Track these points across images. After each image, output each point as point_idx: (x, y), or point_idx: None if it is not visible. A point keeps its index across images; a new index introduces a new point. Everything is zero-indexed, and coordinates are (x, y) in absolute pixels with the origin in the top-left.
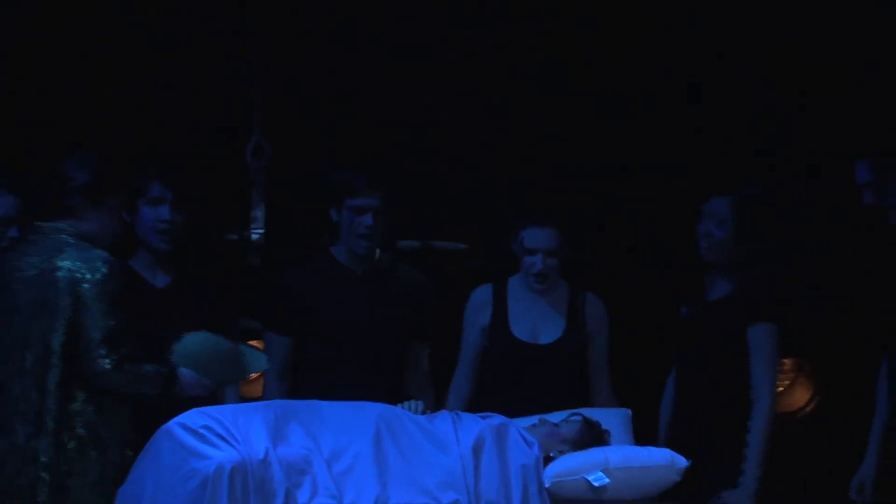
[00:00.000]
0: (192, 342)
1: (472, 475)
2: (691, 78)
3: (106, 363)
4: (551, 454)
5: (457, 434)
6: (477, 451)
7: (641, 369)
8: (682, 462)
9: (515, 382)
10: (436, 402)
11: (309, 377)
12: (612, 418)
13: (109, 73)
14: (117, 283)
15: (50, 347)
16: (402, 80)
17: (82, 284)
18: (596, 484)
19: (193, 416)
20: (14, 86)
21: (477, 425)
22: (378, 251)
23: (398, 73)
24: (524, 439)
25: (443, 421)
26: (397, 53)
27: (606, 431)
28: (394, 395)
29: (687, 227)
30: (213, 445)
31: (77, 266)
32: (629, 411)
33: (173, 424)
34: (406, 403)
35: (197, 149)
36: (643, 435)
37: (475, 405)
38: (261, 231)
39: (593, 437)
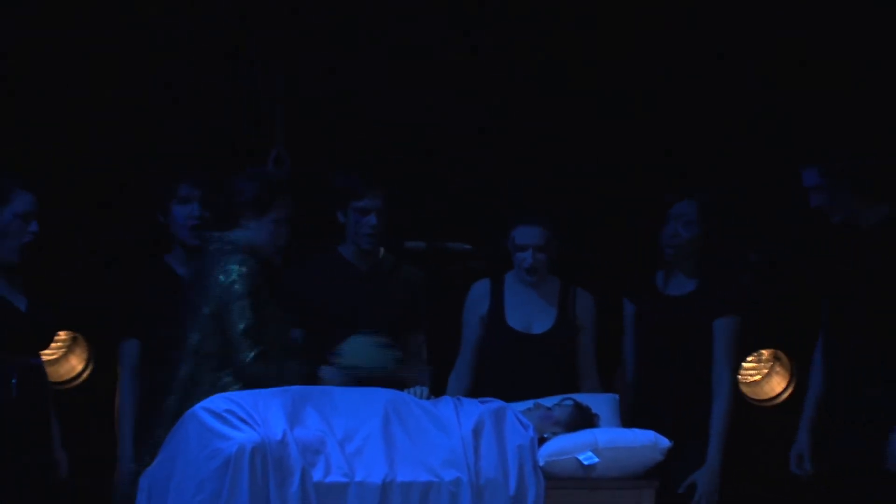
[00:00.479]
0: (365, 342)
1: (472, 455)
2: (691, 78)
3: (249, 355)
4: (545, 435)
5: (458, 417)
6: (477, 432)
7: None
8: (664, 443)
9: (511, 369)
10: (437, 389)
11: (320, 366)
12: (601, 403)
13: (110, 73)
14: (256, 284)
15: (189, 344)
16: (402, 80)
17: (224, 287)
18: (586, 463)
19: (217, 401)
20: (14, 86)
21: (477, 409)
22: (382, 250)
23: (398, 73)
24: (520, 422)
25: (445, 405)
26: (397, 53)
27: (596, 415)
28: (394, 383)
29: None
30: (235, 427)
31: (224, 271)
32: (617, 396)
33: (198, 409)
34: (412, 389)
35: (219, 154)
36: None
37: (475, 391)
38: None
39: (584, 419)
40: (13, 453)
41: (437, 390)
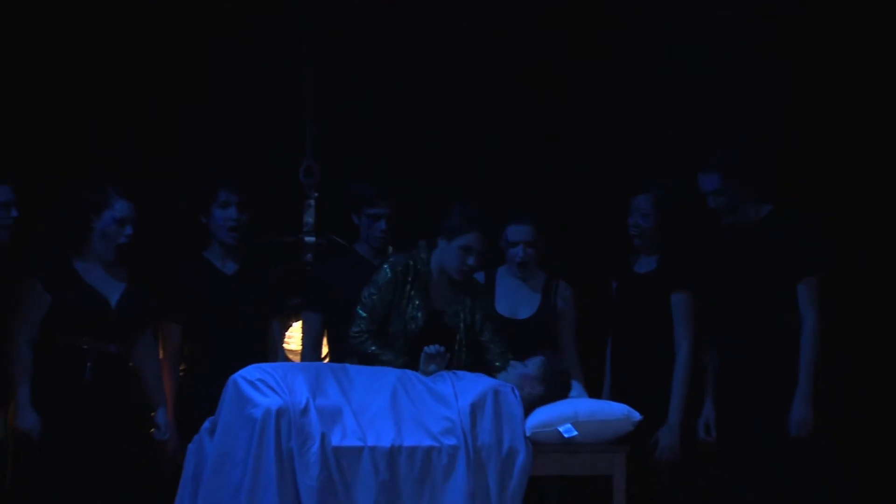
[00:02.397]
0: None
1: (468, 424)
2: (689, 78)
3: (353, 329)
4: (525, 392)
5: (455, 391)
6: (476, 405)
7: None
8: (636, 416)
9: None
10: None
11: (337, 346)
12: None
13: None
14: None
15: None
16: (404, 81)
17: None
18: (566, 435)
19: (252, 371)
20: (70, 93)
21: (477, 385)
22: (391, 248)
23: (400, 75)
24: (515, 396)
25: (443, 381)
26: (401, 55)
27: (566, 370)
28: None
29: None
30: (264, 395)
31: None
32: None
33: (237, 376)
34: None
35: (257, 165)
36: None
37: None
38: (312, 233)
39: (556, 371)
40: (87, 430)
41: None
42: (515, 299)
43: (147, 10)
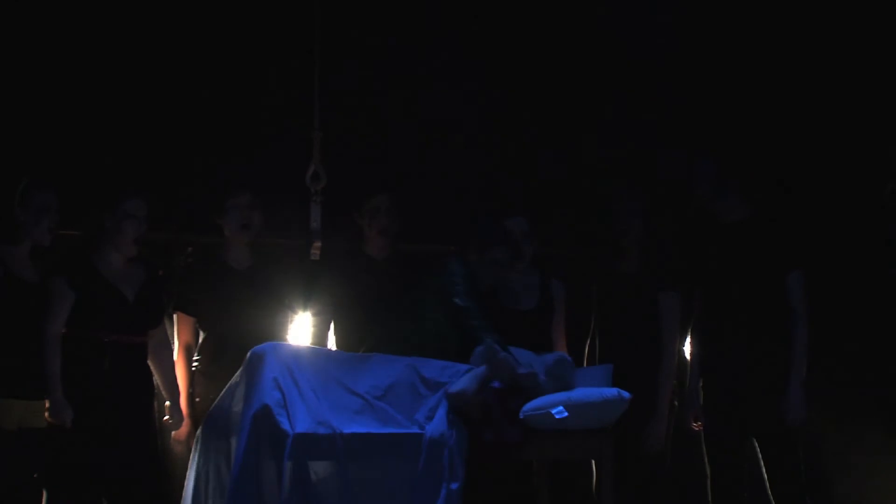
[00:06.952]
0: None
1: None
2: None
3: None
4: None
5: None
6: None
7: None
8: (626, 395)
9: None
10: None
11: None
12: (599, 373)
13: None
14: None
15: None
16: (405, 81)
17: None
18: (557, 416)
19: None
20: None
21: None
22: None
23: (402, 74)
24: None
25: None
26: (402, 55)
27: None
28: None
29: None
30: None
31: None
32: (611, 366)
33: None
34: None
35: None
36: None
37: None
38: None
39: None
40: (113, 417)
41: None
42: (517, 293)
43: (148, 10)
